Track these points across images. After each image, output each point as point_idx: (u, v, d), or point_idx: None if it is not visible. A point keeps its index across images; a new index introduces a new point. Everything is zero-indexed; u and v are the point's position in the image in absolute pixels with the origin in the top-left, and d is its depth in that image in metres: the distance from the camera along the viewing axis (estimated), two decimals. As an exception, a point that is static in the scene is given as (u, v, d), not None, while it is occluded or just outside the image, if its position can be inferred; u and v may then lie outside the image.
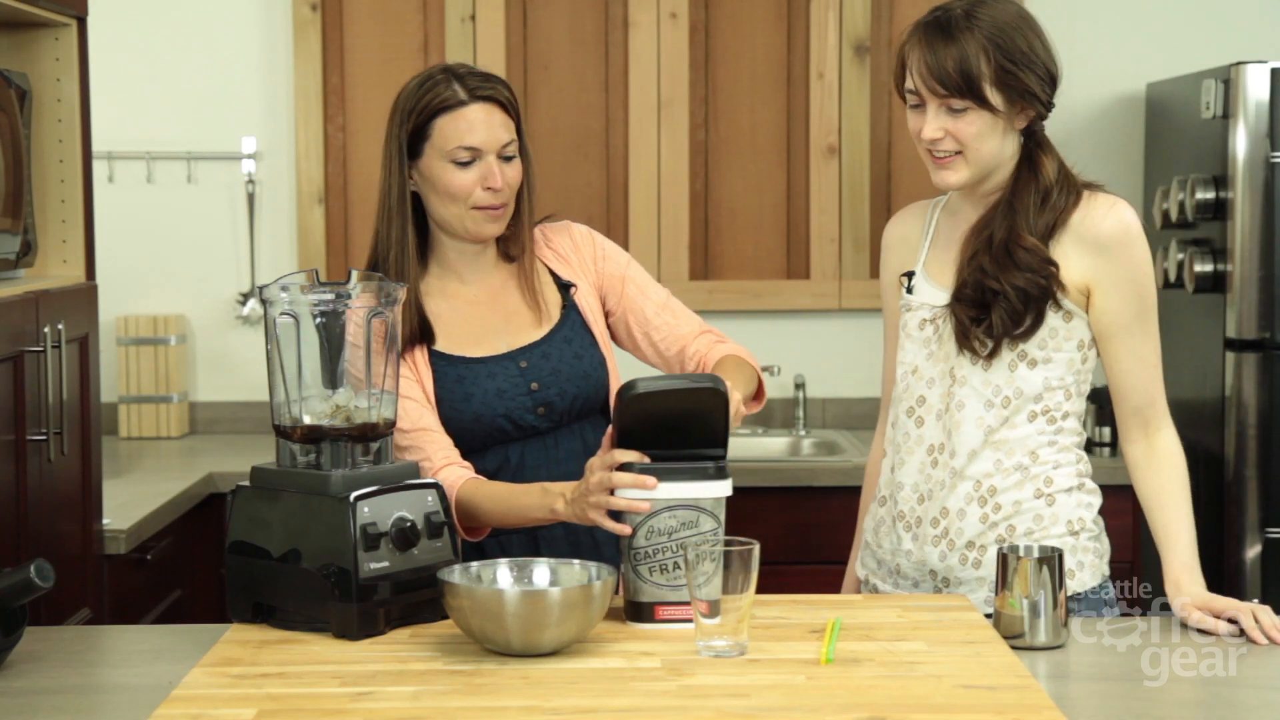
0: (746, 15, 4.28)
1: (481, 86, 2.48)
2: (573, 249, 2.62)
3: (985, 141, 2.32)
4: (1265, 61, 3.74)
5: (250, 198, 4.27)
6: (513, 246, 2.56)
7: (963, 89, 2.29)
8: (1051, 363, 2.36)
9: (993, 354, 2.35)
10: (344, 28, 4.25)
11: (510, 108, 2.50)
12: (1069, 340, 2.36)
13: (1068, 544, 2.36)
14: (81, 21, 2.98)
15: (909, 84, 2.34)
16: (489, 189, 2.46)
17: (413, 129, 2.48)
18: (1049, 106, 2.35)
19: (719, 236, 4.33)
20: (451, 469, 2.43)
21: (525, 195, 2.54)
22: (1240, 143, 3.75)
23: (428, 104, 2.47)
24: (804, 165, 4.31)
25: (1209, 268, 3.85)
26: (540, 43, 4.27)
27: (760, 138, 4.31)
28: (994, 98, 2.29)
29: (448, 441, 2.47)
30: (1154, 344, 2.38)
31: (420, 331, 2.50)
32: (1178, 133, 4.11)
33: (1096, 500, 2.44)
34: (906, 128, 4.49)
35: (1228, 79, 3.76)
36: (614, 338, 2.63)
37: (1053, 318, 2.35)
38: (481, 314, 2.55)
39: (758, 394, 2.53)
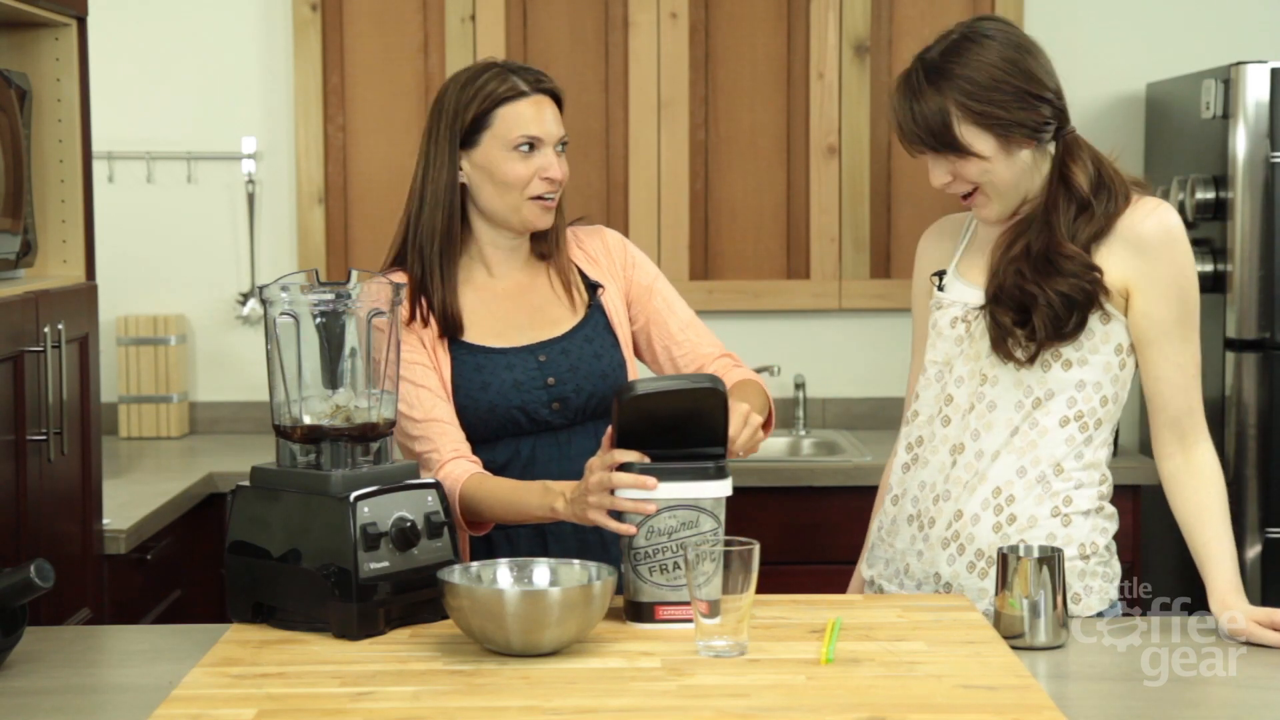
0: (746, 15, 4.28)
1: (542, 79, 2.53)
2: (604, 252, 2.63)
3: (994, 174, 2.30)
4: (1265, 61, 3.74)
5: (250, 198, 4.28)
6: (545, 244, 2.58)
7: (936, 145, 2.29)
8: (1087, 364, 2.32)
9: (1034, 358, 2.31)
10: (344, 28, 4.25)
11: (560, 106, 2.54)
12: (1106, 343, 2.32)
13: (1077, 568, 2.34)
14: (81, 21, 2.98)
15: (902, 141, 2.35)
16: (547, 179, 2.49)
17: (473, 117, 2.49)
18: (1052, 122, 2.32)
19: (719, 236, 4.33)
20: (459, 463, 2.43)
21: (562, 194, 2.57)
22: (1240, 143, 3.75)
23: (490, 92, 2.49)
24: (804, 165, 4.31)
25: (1209, 268, 3.85)
26: (540, 43, 4.27)
27: (760, 138, 4.31)
28: (978, 143, 2.28)
29: (459, 434, 2.47)
30: (1194, 352, 2.32)
31: (452, 323, 2.51)
32: (1178, 133, 4.11)
33: (1113, 525, 2.40)
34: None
35: (1228, 79, 3.76)
36: (634, 348, 2.64)
37: (1091, 319, 2.31)
38: (506, 308, 2.56)
39: (766, 423, 2.54)
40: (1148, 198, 2.35)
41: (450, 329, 2.51)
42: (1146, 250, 2.30)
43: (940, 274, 2.46)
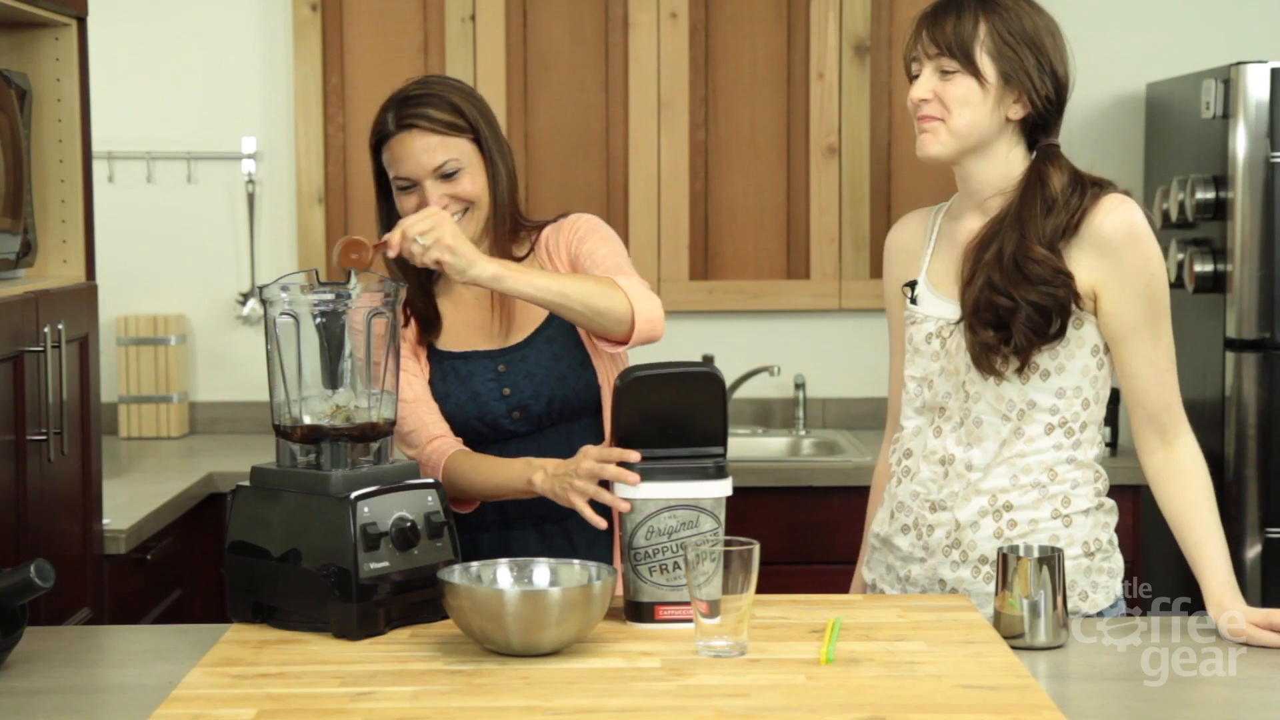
0: (746, 15, 4.28)
1: (404, 113, 2.50)
2: (561, 243, 2.59)
3: (967, 108, 2.30)
4: (1265, 61, 3.74)
5: (250, 198, 4.27)
6: (497, 253, 2.52)
7: (953, 49, 2.30)
8: (1064, 371, 2.32)
9: (1020, 370, 2.30)
10: (344, 28, 4.25)
11: (440, 127, 2.48)
12: (1081, 347, 2.32)
13: (1083, 565, 2.34)
14: (81, 21, 2.98)
15: (913, 51, 2.35)
16: None
17: (375, 159, 2.55)
18: (1048, 103, 2.32)
19: (719, 236, 4.33)
20: (443, 441, 2.48)
21: (496, 200, 2.52)
22: (1240, 143, 3.75)
23: (374, 134, 2.54)
24: (804, 165, 4.30)
25: (1209, 268, 3.85)
26: (540, 43, 4.27)
27: (760, 138, 4.31)
28: (985, 67, 2.30)
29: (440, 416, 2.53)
30: (1167, 348, 2.33)
31: (424, 325, 2.54)
32: (1178, 133, 4.11)
33: (1114, 518, 2.40)
34: (906, 128, 4.50)
35: (1228, 79, 3.76)
36: None
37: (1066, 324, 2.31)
38: (477, 315, 2.58)
39: (629, 332, 2.38)
40: (1110, 195, 2.32)
41: (423, 333, 2.55)
42: (1110, 249, 2.29)
43: (912, 284, 2.46)
